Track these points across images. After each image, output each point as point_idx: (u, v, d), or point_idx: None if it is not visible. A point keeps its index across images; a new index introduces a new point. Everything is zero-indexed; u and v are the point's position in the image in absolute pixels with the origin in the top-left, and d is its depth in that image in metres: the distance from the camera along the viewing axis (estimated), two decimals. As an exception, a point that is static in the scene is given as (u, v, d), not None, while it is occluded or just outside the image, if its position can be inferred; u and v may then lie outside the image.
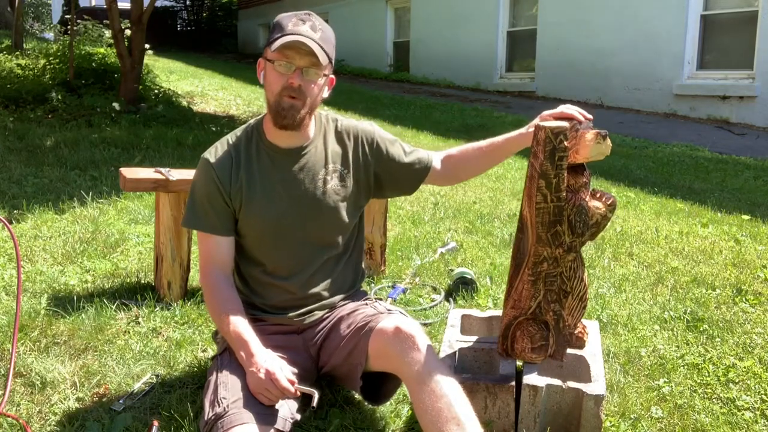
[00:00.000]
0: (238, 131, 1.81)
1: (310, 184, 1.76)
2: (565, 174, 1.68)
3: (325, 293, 1.84)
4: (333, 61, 1.71)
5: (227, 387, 1.57)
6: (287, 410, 1.59)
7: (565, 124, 1.68)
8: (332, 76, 1.74)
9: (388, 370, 1.65)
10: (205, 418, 1.53)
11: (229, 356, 1.70)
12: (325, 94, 1.74)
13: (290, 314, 1.81)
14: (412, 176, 1.88)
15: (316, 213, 1.77)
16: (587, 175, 1.74)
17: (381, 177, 1.86)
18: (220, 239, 1.75)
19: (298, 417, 1.64)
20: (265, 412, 1.53)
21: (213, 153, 1.78)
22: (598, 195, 1.76)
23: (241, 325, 1.65)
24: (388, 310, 1.78)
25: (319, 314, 1.83)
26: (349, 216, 1.83)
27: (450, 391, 1.49)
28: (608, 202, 1.74)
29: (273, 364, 1.56)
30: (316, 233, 1.79)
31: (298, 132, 1.73)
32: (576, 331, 1.86)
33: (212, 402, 1.56)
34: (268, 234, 1.76)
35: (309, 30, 1.62)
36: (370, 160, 1.83)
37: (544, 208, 1.69)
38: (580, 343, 1.86)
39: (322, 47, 1.62)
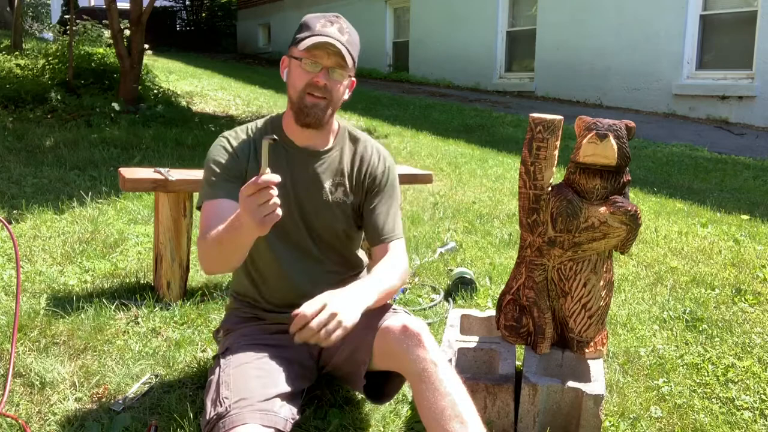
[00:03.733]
0: (259, 122, 1.83)
1: (315, 190, 1.77)
2: (545, 164, 1.74)
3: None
4: (356, 64, 1.73)
5: (229, 387, 1.57)
6: (288, 411, 1.59)
7: (553, 117, 1.73)
8: (354, 78, 1.76)
9: (392, 369, 1.65)
10: (207, 418, 1.53)
11: (231, 355, 1.70)
12: (346, 95, 1.75)
13: (289, 315, 1.81)
14: (366, 231, 1.84)
15: (316, 219, 1.78)
16: (612, 183, 1.73)
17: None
18: (227, 202, 1.65)
19: (298, 417, 1.65)
20: (267, 413, 1.52)
21: (233, 134, 1.78)
22: (610, 201, 1.74)
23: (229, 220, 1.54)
24: (393, 308, 1.78)
25: None
26: (349, 230, 1.83)
27: (454, 389, 1.49)
28: (611, 210, 1.72)
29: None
30: (315, 235, 1.80)
31: (318, 132, 1.75)
32: (586, 340, 1.85)
33: (214, 401, 1.55)
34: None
35: (337, 32, 1.66)
36: (364, 189, 1.83)
37: (524, 193, 1.79)
38: (581, 353, 1.85)
39: (348, 49, 1.65)
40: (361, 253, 1.97)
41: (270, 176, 1.33)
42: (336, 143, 1.81)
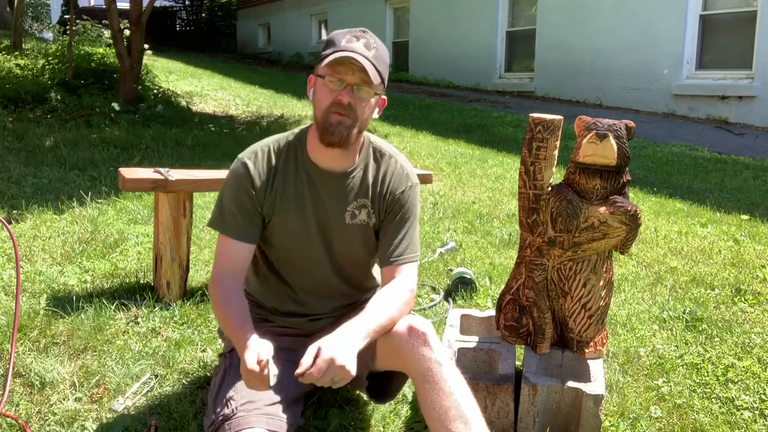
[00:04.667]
0: (281, 139, 1.74)
1: (337, 213, 1.72)
2: (544, 164, 1.74)
3: (338, 310, 1.84)
4: (386, 81, 1.65)
5: (236, 388, 1.57)
6: (292, 415, 1.59)
7: (553, 117, 1.72)
8: (384, 96, 1.69)
9: (396, 368, 1.65)
10: (212, 418, 1.53)
11: (237, 356, 1.70)
12: (375, 114, 1.68)
13: (298, 320, 1.81)
14: (378, 250, 1.80)
15: (337, 242, 1.75)
16: (612, 183, 1.73)
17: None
18: (240, 245, 1.69)
19: (302, 422, 1.66)
20: (272, 417, 1.53)
21: (252, 158, 1.70)
22: (610, 201, 1.74)
23: (242, 328, 1.58)
24: None
25: (328, 321, 1.83)
26: (370, 252, 1.80)
27: (458, 389, 1.49)
28: (611, 210, 1.72)
29: (247, 353, 1.46)
30: (335, 260, 1.77)
31: (343, 153, 1.68)
32: (586, 340, 1.85)
33: (219, 402, 1.55)
34: (289, 249, 1.74)
35: (362, 47, 1.58)
36: (384, 208, 1.77)
37: (523, 193, 1.78)
38: (581, 353, 1.85)
39: (374, 65, 1.58)
40: (376, 272, 1.92)
41: (256, 368, 1.40)
42: (360, 161, 1.73)
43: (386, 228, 1.74)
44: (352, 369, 1.40)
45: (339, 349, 1.40)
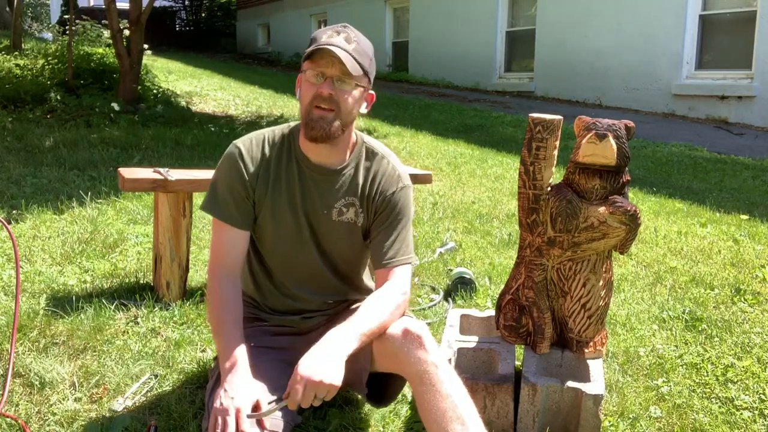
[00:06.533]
0: (276, 131, 1.76)
1: (325, 208, 1.72)
2: (544, 164, 1.74)
3: (330, 306, 1.84)
4: (371, 75, 1.65)
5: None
6: (289, 414, 1.59)
7: (553, 117, 1.73)
8: (371, 91, 1.69)
9: (392, 370, 1.65)
10: (208, 420, 1.53)
11: None
12: (363, 109, 1.68)
13: (292, 317, 1.81)
14: (370, 252, 1.80)
15: (323, 237, 1.75)
16: (611, 182, 1.74)
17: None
18: (235, 232, 1.70)
19: (300, 420, 1.66)
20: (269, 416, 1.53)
21: (245, 144, 1.72)
22: (609, 201, 1.74)
23: (233, 345, 1.59)
24: None
25: (323, 319, 1.83)
26: (357, 250, 1.80)
27: (454, 391, 1.50)
28: (611, 210, 1.72)
29: (233, 402, 1.47)
30: (324, 253, 1.77)
31: (332, 148, 1.68)
32: (586, 340, 1.85)
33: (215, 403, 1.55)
34: (280, 238, 1.74)
35: (343, 41, 1.59)
36: (374, 208, 1.77)
37: (523, 193, 1.79)
38: (580, 353, 1.85)
39: (354, 57, 1.58)
40: (367, 276, 1.92)
41: None
42: (351, 159, 1.73)
43: (378, 230, 1.74)
44: (334, 380, 1.40)
45: (313, 365, 1.41)
